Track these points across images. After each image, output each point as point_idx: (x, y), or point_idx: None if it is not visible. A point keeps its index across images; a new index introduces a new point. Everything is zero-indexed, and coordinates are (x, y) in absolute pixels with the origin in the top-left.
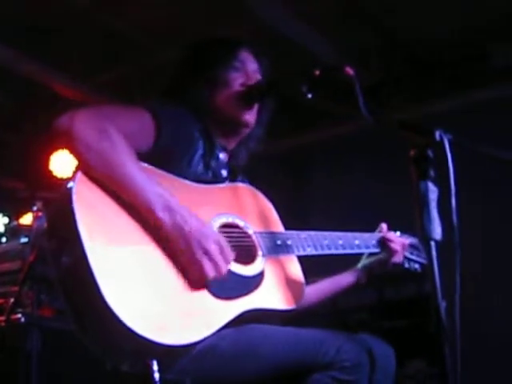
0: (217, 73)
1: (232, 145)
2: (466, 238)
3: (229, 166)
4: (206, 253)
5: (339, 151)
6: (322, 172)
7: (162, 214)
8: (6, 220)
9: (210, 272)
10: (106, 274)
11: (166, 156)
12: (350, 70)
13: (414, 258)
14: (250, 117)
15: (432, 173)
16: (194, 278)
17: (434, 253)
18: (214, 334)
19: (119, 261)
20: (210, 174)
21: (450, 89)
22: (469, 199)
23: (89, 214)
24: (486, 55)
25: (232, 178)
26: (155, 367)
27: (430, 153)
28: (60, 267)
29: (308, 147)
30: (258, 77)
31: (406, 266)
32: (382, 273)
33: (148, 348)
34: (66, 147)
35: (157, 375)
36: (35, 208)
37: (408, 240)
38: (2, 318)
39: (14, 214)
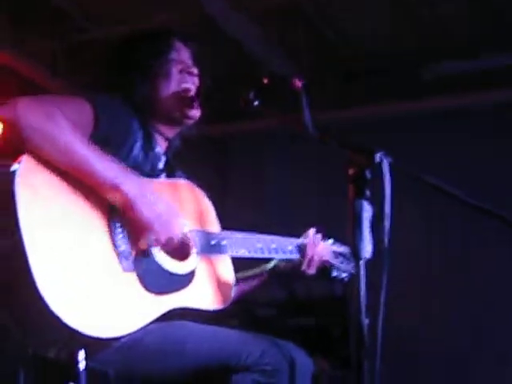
0: (155, 65)
1: (172, 134)
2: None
3: (166, 158)
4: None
5: (264, 143)
6: (245, 162)
7: (126, 187)
8: None
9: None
10: (41, 260)
11: (104, 146)
12: (298, 82)
13: (342, 267)
14: (196, 111)
15: (368, 192)
16: (144, 244)
17: (362, 270)
18: (141, 329)
19: (57, 247)
20: (149, 165)
21: (375, 97)
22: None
23: (31, 199)
24: (416, 69)
25: (169, 171)
26: (81, 356)
27: (368, 173)
28: None
29: (233, 135)
30: (191, 63)
31: (335, 274)
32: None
33: (73, 337)
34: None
35: (82, 364)
36: None
37: (339, 249)
38: None
39: None
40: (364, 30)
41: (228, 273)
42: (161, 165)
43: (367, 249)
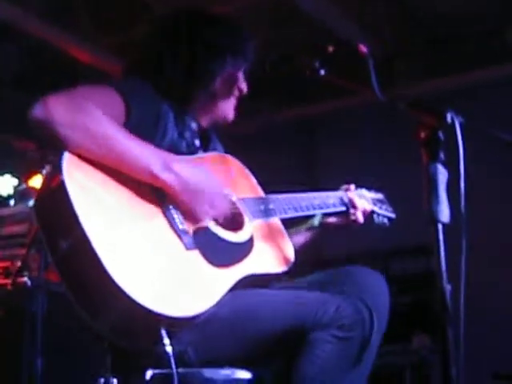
0: (228, 65)
1: (206, 123)
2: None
3: (200, 134)
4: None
5: (349, 121)
6: (332, 141)
7: (165, 175)
8: (15, 181)
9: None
10: (108, 250)
11: (138, 132)
12: (363, 48)
13: (382, 212)
14: (233, 114)
15: (442, 155)
16: (198, 223)
17: (440, 235)
18: (217, 303)
19: (120, 237)
20: (184, 143)
21: (463, 64)
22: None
23: (82, 194)
24: (500, 32)
25: (205, 146)
26: (166, 341)
27: (440, 135)
28: (57, 251)
29: (318, 116)
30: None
31: (376, 221)
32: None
33: (157, 322)
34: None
35: (169, 348)
36: (45, 171)
37: (376, 195)
38: (9, 281)
39: (23, 174)
40: None
41: (283, 234)
42: (197, 142)
43: (445, 213)
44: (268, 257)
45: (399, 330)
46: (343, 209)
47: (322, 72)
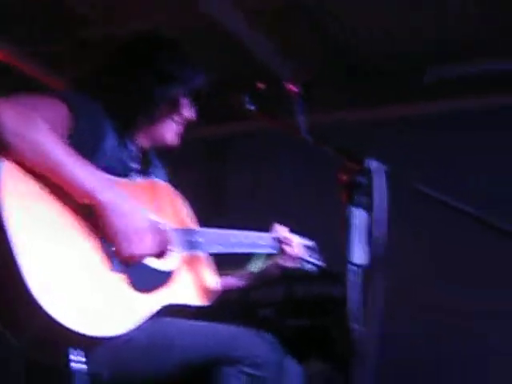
0: (175, 92)
1: (147, 145)
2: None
3: (140, 157)
4: (138, 232)
5: (265, 143)
6: (245, 162)
7: (102, 196)
8: None
9: (138, 250)
10: (31, 262)
11: (79, 146)
12: (293, 87)
13: (311, 260)
14: (174, 138)
15: (362, 199)
16: (123, 255)
17: (352, 277)
18: (135, 328)
19: (47, 253)
20: (120, 166)
21: (381, 98)
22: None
23: (15, 205)
24: (420, 71)
25: (143, 169)
26: (74, 358)
27: (360, 179)
28: None
29: (230, 137)
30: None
31: (305, 267)
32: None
33: (74, 339)
34: None
35: (77, 365)
36: None
37: (307, 243)
38: None
39: None
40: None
41: (209, 269)
42: (134, 164)
43: (357, 255)
44: (191, 289)
45: (294, 353)
46: (274, 251)
47: (252, 107)
